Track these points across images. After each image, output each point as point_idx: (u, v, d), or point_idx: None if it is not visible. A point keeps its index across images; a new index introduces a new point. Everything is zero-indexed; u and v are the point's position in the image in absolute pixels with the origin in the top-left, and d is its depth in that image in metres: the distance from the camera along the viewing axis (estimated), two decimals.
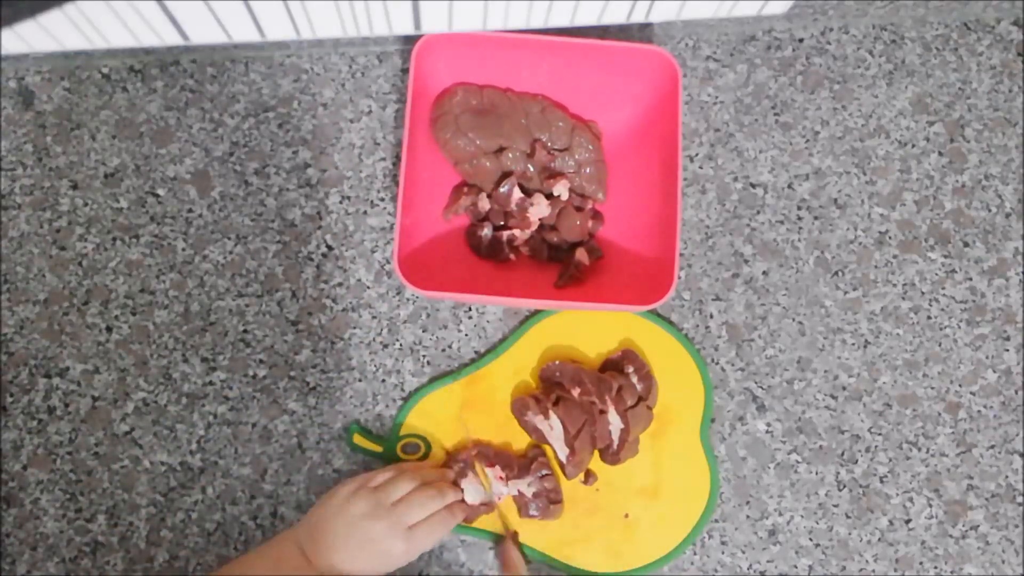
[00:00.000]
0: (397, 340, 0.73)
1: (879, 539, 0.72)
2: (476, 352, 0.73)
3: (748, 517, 0.72)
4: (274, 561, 0.63)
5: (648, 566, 0.70)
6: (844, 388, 0.74)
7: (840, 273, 0.75)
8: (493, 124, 0.72)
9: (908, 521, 0.72)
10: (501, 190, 0.72)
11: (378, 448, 0.71)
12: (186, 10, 0.40)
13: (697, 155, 0.77)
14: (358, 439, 0.71)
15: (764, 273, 0.75)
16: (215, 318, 0.73)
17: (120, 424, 0.71)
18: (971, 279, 0.76)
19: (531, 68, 0.72)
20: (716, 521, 0.71)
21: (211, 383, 0.72)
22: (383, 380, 0.73)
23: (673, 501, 0.71)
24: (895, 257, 0.76)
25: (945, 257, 0.76)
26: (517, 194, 0.72)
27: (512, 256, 0.73)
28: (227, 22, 0.41)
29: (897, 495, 0.72)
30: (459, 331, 0.74)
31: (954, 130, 0.78)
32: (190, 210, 0.75)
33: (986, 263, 0.76)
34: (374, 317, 0.73)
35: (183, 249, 0.74)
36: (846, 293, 0.75)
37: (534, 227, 0.73)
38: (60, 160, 0.75)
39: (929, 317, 0.75)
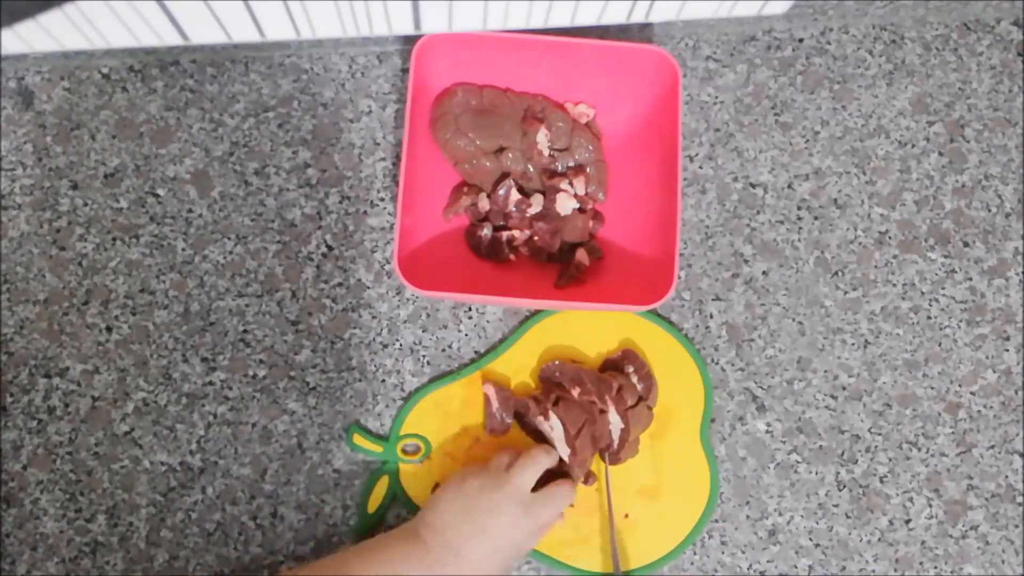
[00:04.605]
0: (397, 340, 0.73)
1: (879, 539, 0.72)
2: (476, 352, 0.73)
3: (748, 517, 0.72)
4: (393, 551, 0.62)
5: (648, 566, 0.70)
6: (844, 388, 0.74)
7: (840, 273, 0.75)
8: (493, 124, 0.72)
9: (908, 521, 0.72)
10: (499, 192, 0.72)
11: (378, 448, 0.71)
12: (186, 10, 0.40)
13: (697, 155, 0.77)
14: (358, 439, 0.71)
15: (764, 273, 0.75)
16: (215, 318, 0.73)
17: (120, 424, 0.71)
18: (971, 279, 0.76)
19: (531, 68, 0.72)
20: (716, 521, 0.71)
21: (211, 383, 0.72)
22: (383, 380, 0.73)
23: (673, 501, 0.71)
24: (895, 257, 0.76)
25: (945, 257, 0.76)
26: (515, 196, 0.72)
27: (512, 256, 0.73)
28: (227, 22, 0.41)
29: (897, 495, 0.72)
30: (459, 331, 0.74)
31: (954, 130, 0.78)
32: (190, 210, 0.75)
33: (986, 263, 0.76)
34: (374, 317, 0.73)
35: (183, 249, 0.74)
36: (846, 293, 0.75)
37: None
38: (60, 160, 0.75)
39: (929, 317, 0.75)
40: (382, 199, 0.75)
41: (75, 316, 0.73)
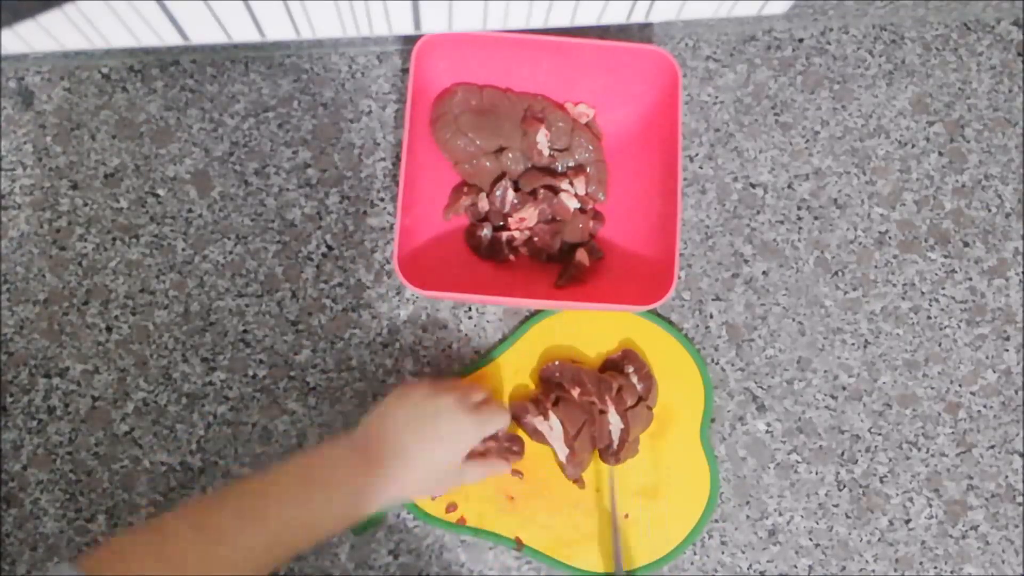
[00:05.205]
0: (397, 340, 0.73)
1: (879, 539, 0.72)
2: (476, 352, 0.73)
3: (748, 517, 0.72)
4: (334, 461, 0.60)
5: (648, 566, 0.70)
6: (844, 388, 0.74)
7: (840, 273, 0.75)
8: (493, 124, 0.72)
9: (908, 521, 0.72)
10: (496, 193, 0.72)
11: None
12: (186, 10, 0.40)
13: (697, 155, 0.77)
14: None
15: (764, 273, 0.75)
16: (215, 318, 0.73)
17: (120, 424, 0.71)
18: (971, 279, 0.76)
19: (531, 68, 0.72)
20: (716, 521, 0.71)
21: (211, 383, 0.72)
22: (383, 380, 0.73)
23: (673, 501, 0.71)
24: (895, 257, 0.76)
25: (945, 257, 0.76)
26: (511, 196, 0.72)
27: (512, 256, 0.73)
28: (227, 22, 0.41)
29: (897, 495, 0.72)
30: (459, 331, 0.74)
31: (954, 130, 0.78)
32: (190, 210, 0.75)
33: (986, 263, 0.76)
34: (374, 317, 0.73)
35: (183, 249, 0.74)
36: (846, 293, 0.75)
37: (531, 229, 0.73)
38: (60, 160, 0.75)
39: (929, 317, 0.75)
40: (382, 199, 0.75)
41: (75, 316, 0.73)
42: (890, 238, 0.76)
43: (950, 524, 0.72)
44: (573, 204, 0.72)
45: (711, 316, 0.74)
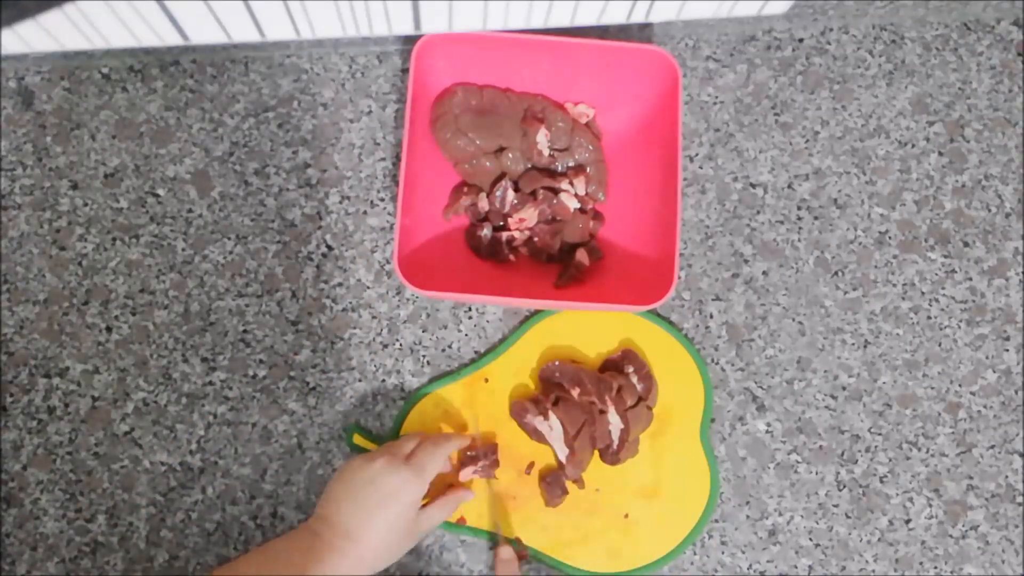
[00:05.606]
0: (397, 340, 0.73)
1: (879, 539, 0.72)
2: (476, 352, 0.73)
3: (748, 517, 0.72)
4: (290, 549, 0.62)
5: (648, 566, 0.70)
6: (844, 388, 0.74)
7: (840, 273, 0.75)
8: (493, 124, 0.72)
9: (908, 521, 0.72)
10: (496, 193, 0.72)
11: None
12: (186, 10, 0.40)
13: (697, 155, 0.77)
14: (358, 439, 0.71)
15: (764, 273, 0.75)
16: (215, 318, 0.73)
17: (120, 424, 0.71)
18: (971, 279, 0.76)
19: (531, 68, 0.72)
20: (716, 521, 0.71)
21: (211, 383, 0.72)
22: (383, 380, 0.73)
23: (673, 501, 0.71)
24: (895, 257, 0.76)
25: (945, 257, 0.76)
26: (511, 197, 0.72)
27: (512, 256, 0.73)
28: (227, 22, 0.41)
29: (897, 495, 0.72)
30: (459, 331, 0.74)
31: (954, 130, 0.78)
32: (190, 210, 0.75)
33: (986, 263, 0.76)
34: (374, 317, 0.73)
35: (183, 249, 0.74)
36: (846, 293, 0.75)
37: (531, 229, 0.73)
38: (60, 160, 0.75)
39: (929, 317, 0.75)
40: (382, 199, 0.75)
41: (75, 316, 0.73)
42: (890, 238, 0.76)
43: (950, 524, 0.72)
44: (573, 204, 0.72)
45: (711, 316, 0.74)
